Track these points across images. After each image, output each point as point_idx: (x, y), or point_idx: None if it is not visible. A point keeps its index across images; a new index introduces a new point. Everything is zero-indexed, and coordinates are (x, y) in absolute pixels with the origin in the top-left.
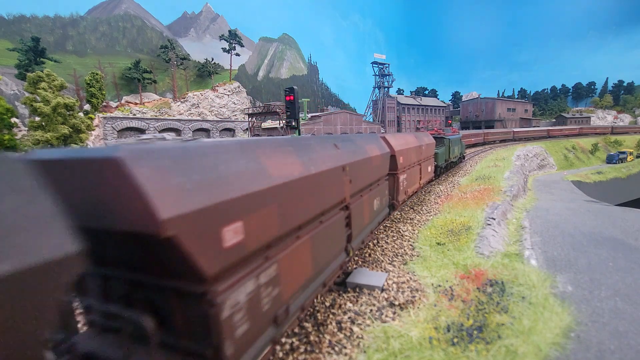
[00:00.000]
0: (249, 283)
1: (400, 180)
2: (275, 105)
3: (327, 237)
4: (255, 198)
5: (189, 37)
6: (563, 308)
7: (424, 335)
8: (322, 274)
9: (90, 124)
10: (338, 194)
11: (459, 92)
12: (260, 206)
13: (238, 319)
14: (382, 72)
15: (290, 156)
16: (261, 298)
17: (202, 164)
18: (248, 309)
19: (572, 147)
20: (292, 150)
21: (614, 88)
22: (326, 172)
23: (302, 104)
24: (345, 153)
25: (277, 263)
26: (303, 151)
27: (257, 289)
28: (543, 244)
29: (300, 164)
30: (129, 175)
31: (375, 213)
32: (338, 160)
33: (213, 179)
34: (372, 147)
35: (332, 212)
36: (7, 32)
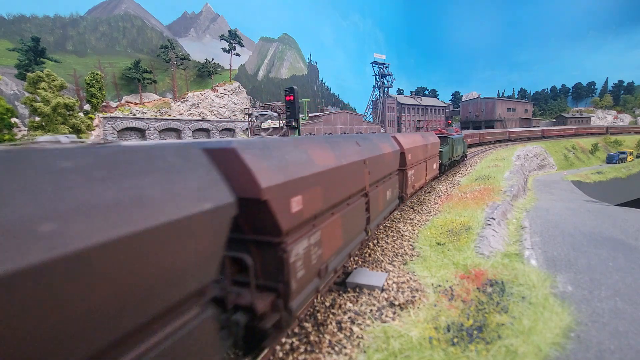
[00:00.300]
0: (304, 241)
1: (409, 175)
2: (275, 105)
3: (352, 217)
4: (308, 180)
5: (189, 37)
6: (563, 308)
7: (424, 335)
8: (348, 246)
9: (90, 124)
10: (360, 182)
11: (459, 92)
12: (311, 186)
13: (298, 265)
14: (382, 72)
15: (327, 150)
16: (311, 254)
17: (276, 154)
18: (304, 260)
19: (572, 147)
20: (328, 146)
21: (614, 88)
22: (352, 164)
23: (302, 104)
24: (365, 149)
25: (320, 230)
26: (335, 147)
27: (309, 247)
28: (543, 244)
29: (334, 157)
30: (241, 158)
31: (387, 202)
32: (360, 155)
33: (283, 164)
34: (385, 145)
35: (356, 197)
36: (7, 32)
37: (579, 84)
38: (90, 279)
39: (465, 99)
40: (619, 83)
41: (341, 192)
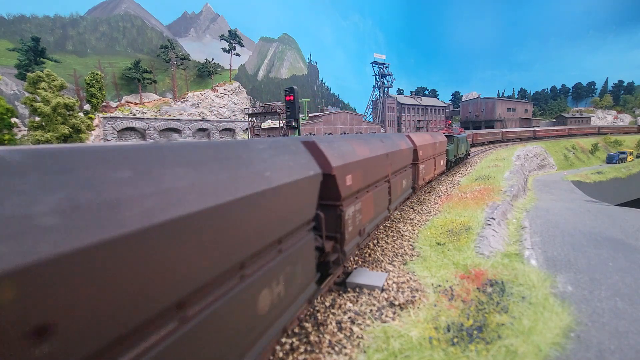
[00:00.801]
0: (352, 207)
1: (420, 169)
2: (275, 105)
3: (379, 196)
4: (355, 164)
5: (189, 37)
6: (563, 308)
7: (424, 335)
8: (376, 218)
9: (90, 124)
10: (385, 170)
11: (459, 92)
12: (356, 169)
13: (349, 223)
14: (382, 72)
15: (363, 145)
16: (356, 217)
17: (336, 146)
18: (352, 220)
19: (572, 147)
20: (363, 142)
21: (614, 88)
22: (380, 156)
23: (302, 104)
24: (387, 145)
25: (361, 202)
26: (368, 143)
27: (354, 212)
28: (543, 244)
29: (368, 150)
30: (319, 148)
31: (403, 190)
32: (385, 150)
33: (341, 153)
34: (402, 143)
35: (382, 181)
36: (7, 32)
37: (579, 84)
38: (259, 210)
39: (465, 99)
40: (619, 83)
41: (373, 175)
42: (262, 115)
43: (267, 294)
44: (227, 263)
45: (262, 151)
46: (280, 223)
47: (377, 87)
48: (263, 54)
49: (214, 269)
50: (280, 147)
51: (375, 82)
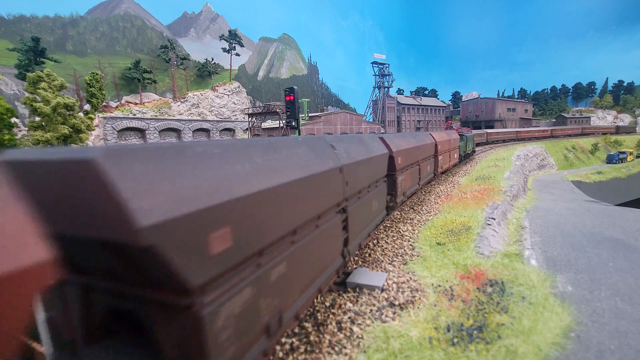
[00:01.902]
0: (401, 176)
1: (439, 160)
2: (275, 105)
3: (413, 174)
4: (404, 151)
5: (189, 37)
6: (563, 308)
7: (424, 335)
8: (412, 187)
9: (90, 124)
10: (417, 157)
11: (459, 92)
12: (404, 154)
13: (400, 182)
14: (382, 72)
15: (406, 139)
16: (402, 183)
17: (395, 140)
18: (401, 184)
19: (572, 147)
20: (405, 137)
21: (614, 88)
22: (415, 147)
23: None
24: (418, 140)
25: (404, 175)
26: (407, 138)
27: (402, 180)
28: (543, 244)
29: (409, 143)
30: (385, 140)
31: (427, 173)
32: (416, 143)
33: (396, 144)
34: (427, 139)
35: (415, 165)
36: (7, 32)
37: (579, 84)
38: (365, 167)
39: (465, 99)
40: (619, 83)
41: (411, 159)
42: (262, 115)
43: (373, 203)
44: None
45: (368, 137)
46: (373, 175)
47: (377, 87)
48: (263, 54)
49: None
50: (369, 137)
51: (375, 82)
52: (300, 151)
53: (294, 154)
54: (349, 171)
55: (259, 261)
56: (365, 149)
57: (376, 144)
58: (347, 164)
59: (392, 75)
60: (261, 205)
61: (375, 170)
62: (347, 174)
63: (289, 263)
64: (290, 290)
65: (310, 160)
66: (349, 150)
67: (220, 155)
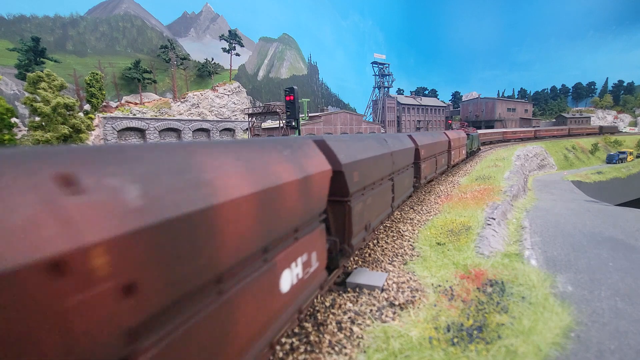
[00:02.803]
0: (424, 164)
1: (452, 154)
2: (276, 105)
3: (433, 163)
4: (429, 145)
5: (189, 37)
6: (563, 308)
7: (424, 335)
8: (431, 174)
9: (90, 124)
10: (437, 150)
11: (459, 92)
12: (427, 147)
13: (423, 171)
14: (382, 72)
15: (428, 136)
16: (426, 169)
17: (422, 138)
18: (425, 170)
19: (572, 147)
20: (427, 135)
21: (614, 88)
22: (436, 142)
23: (302, 104)
24: (434, 137)
25: (426, 163)
26: (427, 135)
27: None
28: (543, 244)
29: (431, 139)
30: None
31: (443, 165)
32: (432, 140)
33: (422, 141)
34: (442, 136)
35: (432, 157)
36: (7, 32)
37: (579, 84)
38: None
39: (465, 99)
40: (619, 83)
41: (434, 151)
42: (262, 115)
43: (406, 180)
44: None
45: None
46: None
47: (377, 87)
48: (263, 54)
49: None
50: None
51: (375, 82)
52: (375, 143)
53: (381, 143)
54: (395, 156)
55: (363, 192)
56: (400, 142)
57: (407, 140)
58: (394, 150)
59: (392, 75)
60: (371, 165)
61: (407, 157)
62: (394, 157)
63: (372, 197)
64: (371, 213)
65: (380, 146)
66: (394, 143)
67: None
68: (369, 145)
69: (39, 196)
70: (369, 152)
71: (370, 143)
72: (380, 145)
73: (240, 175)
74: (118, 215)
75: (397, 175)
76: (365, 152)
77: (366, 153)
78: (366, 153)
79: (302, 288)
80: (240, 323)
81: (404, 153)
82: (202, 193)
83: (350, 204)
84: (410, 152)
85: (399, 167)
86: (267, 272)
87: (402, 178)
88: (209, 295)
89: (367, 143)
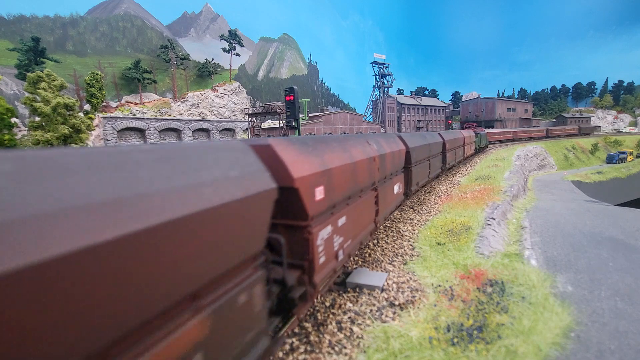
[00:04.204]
0: (451, 153)
1: (465, 148)
2: (275, 105)
3: (454, 153)
4: (454, 140)
5: (189, 37)
6: (563, 308)
7: (424, 335)
8: (454, 161)
9: (90, 124)
10: (456, 144)
11: (459, 92)
12: (454, 142)
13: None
14: (382, 72)
15: (453, 135)
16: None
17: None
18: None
19: (572, 147)
20: (453, 133)
21: (614, 88)
22: (457, 138)
23: (302, 104)
24: (450, 135)
25: (450, 153)
26: (451, 133)
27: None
28: (543, 244)
29: (455, 136)
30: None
31: (459, 156)
32: (454, 136)
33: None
34: (459, 133)
35: (453, 150)
36: (7, 32)
37: (579, 84)
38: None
39: (465, 99)
40: (619, 83)
41: (456, 144)
42: (262, 115)
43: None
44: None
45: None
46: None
47: (377, 87)
48: (263, 54)
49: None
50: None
51: (375, 82)
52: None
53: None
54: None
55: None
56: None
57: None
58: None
59: (392, 75)
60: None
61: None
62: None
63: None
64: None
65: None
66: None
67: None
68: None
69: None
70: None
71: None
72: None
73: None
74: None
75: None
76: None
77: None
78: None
79: (438, 167)
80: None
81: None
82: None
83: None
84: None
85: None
86: (435, 162)
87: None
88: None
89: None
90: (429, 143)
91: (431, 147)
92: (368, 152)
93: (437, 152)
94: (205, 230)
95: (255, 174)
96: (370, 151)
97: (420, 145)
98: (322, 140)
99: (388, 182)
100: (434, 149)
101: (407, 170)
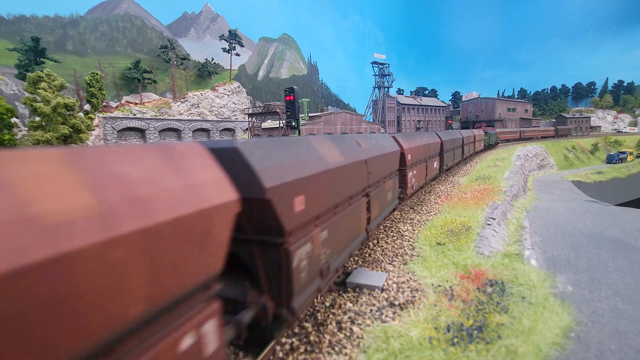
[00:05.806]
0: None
1: (475, 145)
2: (275, 105)
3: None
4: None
5: (189, 37)
6: (563, 308)
7: (423, 335)
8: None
9: (90, 124)
10: (470, 141)
11: (459, 92)
12: (473, 139)
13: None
14: (382, 72)
15: (471, 133)
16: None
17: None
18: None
19: (572, 147)
20: (472, 132)
21: (614, 88)
22: (471, 136)
23: (302, 104)
24: (467, 134)
25: (471, 145)
26: (466, 132)
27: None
28: (543, 244)
29: (473, 135)
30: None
31: (470, 150)
32: (471, 133)
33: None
34: (472, 132)
35: (469, 144)
36: (7, 32)
37: (579, 84)
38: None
39: (465, 99)
40: (619, 83)
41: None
42: (262, 115)
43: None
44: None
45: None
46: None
47: (377, 87)
48: (263, 54)
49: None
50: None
51: (375, 82)
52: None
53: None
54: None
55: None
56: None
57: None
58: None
59: (392, 75)
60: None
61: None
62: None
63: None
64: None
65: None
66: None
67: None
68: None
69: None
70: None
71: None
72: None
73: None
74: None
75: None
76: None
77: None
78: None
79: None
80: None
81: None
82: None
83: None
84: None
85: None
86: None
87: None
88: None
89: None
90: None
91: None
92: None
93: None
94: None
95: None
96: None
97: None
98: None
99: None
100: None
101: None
